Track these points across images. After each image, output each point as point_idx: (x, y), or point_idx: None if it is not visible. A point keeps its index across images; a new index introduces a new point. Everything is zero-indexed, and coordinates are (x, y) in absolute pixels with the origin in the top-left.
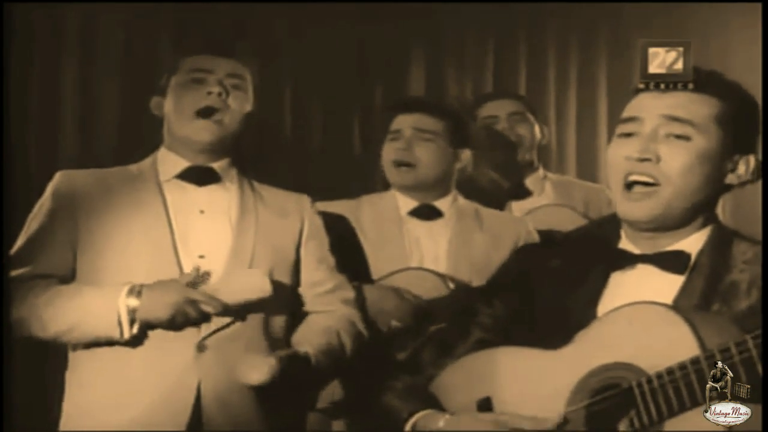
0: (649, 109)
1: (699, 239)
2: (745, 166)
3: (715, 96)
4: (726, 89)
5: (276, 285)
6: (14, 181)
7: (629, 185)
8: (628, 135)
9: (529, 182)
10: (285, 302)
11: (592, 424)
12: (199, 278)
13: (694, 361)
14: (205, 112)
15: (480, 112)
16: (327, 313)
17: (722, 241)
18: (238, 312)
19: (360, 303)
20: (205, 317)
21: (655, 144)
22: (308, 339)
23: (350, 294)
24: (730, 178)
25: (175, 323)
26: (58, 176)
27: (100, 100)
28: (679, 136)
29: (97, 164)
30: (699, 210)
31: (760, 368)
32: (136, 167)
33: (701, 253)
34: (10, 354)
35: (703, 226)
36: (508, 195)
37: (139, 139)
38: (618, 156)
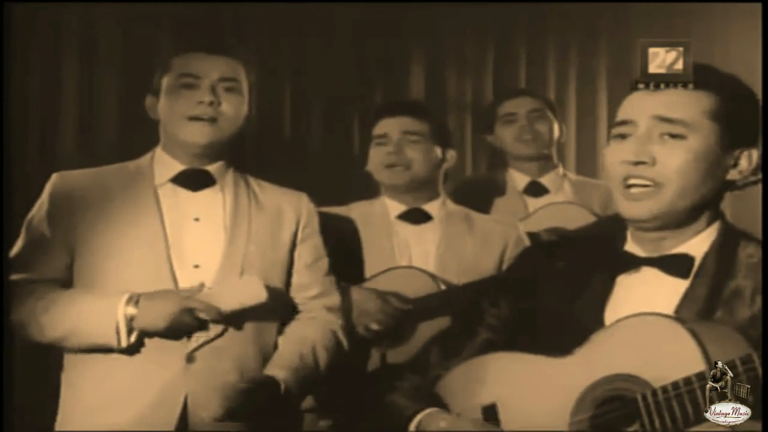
0: (642, 109)
1: (704, 240)
2: (747, 160)
3: (709, 91)
4: (721, 83)
5: (270, 292)
6: (14, 182)
7: (629, 186)
8: (623, 137)
9: (547, 180)
10: (277, 310)
11: None
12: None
13: (700, 377)
14: (198, 118)
15: (500, 109)
16: (308, 320)
17: (729, 242)
18: (234, 319)
19: (346, 309)
20: (202, 324)
21: (650, 146)
22: (282, 355)
23: (335, 300)
24: (732, 174)
25: (173, 332)
26: (54, 178)
27: (100, 100)
28: (674, 136)
29: (97, 165)
30: (702, 207)
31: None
32: (135, 165)
33: (707, 256)
34: (10, 355)
35: (708, 224)
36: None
37: (139, 139)
38: (615, 160)
